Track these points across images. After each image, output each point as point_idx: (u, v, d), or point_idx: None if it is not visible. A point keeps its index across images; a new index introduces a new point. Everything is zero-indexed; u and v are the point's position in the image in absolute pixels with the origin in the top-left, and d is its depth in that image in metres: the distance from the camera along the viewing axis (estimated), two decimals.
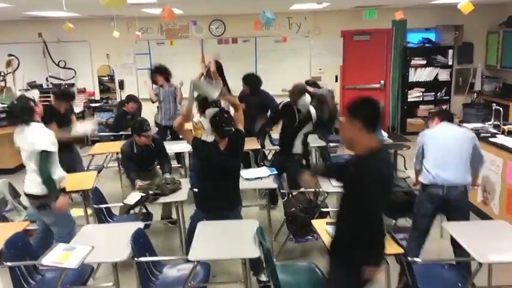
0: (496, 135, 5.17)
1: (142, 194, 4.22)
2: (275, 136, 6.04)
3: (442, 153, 3.69)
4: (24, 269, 3.27)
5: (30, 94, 3.98)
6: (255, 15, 6.11)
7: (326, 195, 4.35)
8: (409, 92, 9.22)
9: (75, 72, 9.22)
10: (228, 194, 3.84)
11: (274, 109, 5.68)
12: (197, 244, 3.16)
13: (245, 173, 4.63)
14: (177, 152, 6.40)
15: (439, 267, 3.37)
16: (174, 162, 7.09)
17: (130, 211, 4.30)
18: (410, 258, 3.12)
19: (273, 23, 5.77)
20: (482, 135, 5.19)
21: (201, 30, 9.14)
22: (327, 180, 4.37)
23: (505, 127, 5.29)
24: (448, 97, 9.25)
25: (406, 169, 5.83)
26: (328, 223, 3.32)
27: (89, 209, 4.63)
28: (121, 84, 9.28)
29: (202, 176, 3.94)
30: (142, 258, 3.24)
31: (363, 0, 7.16)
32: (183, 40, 9.22)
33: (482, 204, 5.14)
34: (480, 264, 2.82)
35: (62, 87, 7.14)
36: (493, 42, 8.97)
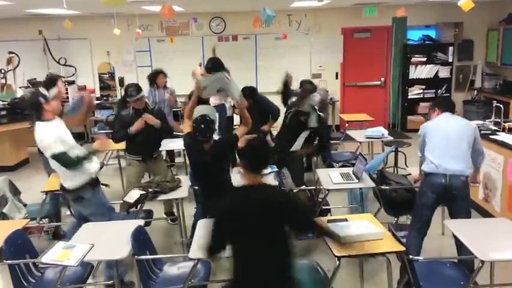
0: (497, 133, 5.16)
1: (142, 192, 4.20)
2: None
3: (443, 143, 3.69)
4: (24, 266, 3.26)
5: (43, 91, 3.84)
6: (255, 12, 6.08)
7: (327, 192, 4.34)
8: (410, 89, 9.21)
9: (76, 69, 9.21)
10: (218, 192, 3.75)
11: (275, 113, 5.90)
12: (197, 242, 3.15)
13: None
14: (169, 149, 6.44)
15: (441, 265, 3.36)
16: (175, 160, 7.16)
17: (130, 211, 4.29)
18: (412, 256, 3.12)
19: (273, 20, 5.73)
20: (483, 132, 5.18)
21: (201, 28, 9.13)
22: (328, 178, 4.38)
23: (506, 124, 5.27)
24: (448, 94, 9.22)
25: (407, 166, 5.82)
26: (329, 221, 3.32)
27: None
28: (121, 82, 9.23)
29: (193, 173, 3.99)
30: (143, 256, 3.23)
31: None
32: (183, 37, 9.20)
33: (483, 202, 5.13)
34: (482, 262, 2.81)
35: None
36: (493, 40, 8.96)
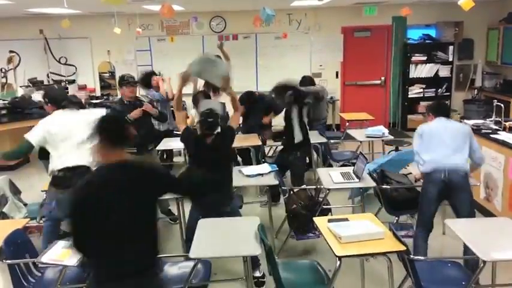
0: (498, 132, 5.15)
1: None
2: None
3: (439, 143, 3.81)
4: (24, 266, 3.25)
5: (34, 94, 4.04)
6: (256, 11, 6.07)
7: (327, 192, 4.33)
8: (410, 88, 9.20)
9: (76, 68, 9.21)
10: (220, 185, 3.77)
11: (277, 108, 5.87)
12: (198, 242, 3.15)
13: (246, 169, 4.61)
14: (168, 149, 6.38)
15: (443, 265, 3.35)
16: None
17: None
18: (412, 256, 3.11)
19: (273, 19, 5.74)
20: (483, 131, 5.19)
21: (202, 27, 9.12)
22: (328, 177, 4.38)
23: (506, 123, 5.26)
24: (448, 93, 9.22)
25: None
26: (330, 220, 3.32)
27: None
28: None
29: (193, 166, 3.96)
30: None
31: None
32: (183, 36, 9.18)
33: (485, 201, 5.12)
34: (484, 262, 2.80)
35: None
36: (493, 39, 8.95)
